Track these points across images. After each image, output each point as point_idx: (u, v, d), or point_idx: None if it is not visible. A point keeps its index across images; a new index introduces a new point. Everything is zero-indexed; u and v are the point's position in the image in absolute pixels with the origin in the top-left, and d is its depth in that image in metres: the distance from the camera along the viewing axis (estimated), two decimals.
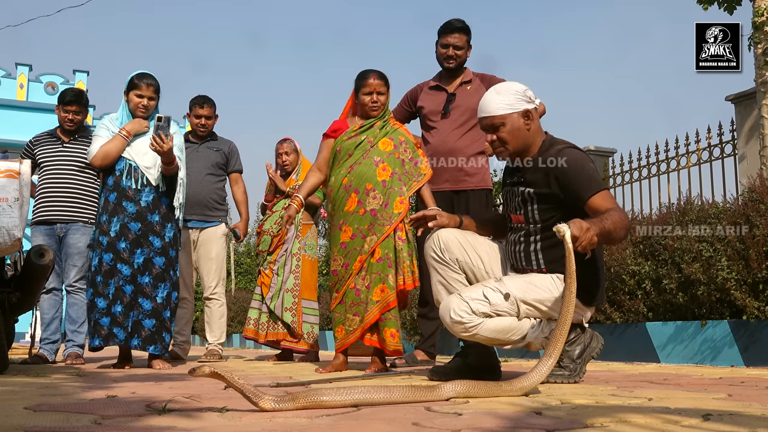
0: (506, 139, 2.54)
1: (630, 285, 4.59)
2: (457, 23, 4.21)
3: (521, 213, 2.58)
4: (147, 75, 4.04)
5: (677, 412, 1.57)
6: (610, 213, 2.29)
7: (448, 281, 2.57)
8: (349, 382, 2.70)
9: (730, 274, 3.85)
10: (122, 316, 3.86)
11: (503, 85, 2.64)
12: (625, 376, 2.95)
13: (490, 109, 2.54)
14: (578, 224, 2.11)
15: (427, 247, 2.66)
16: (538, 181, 2.53)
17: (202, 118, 5.13)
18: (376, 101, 3.60)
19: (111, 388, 2.44)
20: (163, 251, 3.97)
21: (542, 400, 1.88)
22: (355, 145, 3.59)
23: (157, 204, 3.99)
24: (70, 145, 4.82)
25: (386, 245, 3.46)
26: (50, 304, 4.73)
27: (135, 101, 4.01)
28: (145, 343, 3.90)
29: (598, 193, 2.39)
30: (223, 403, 1.83)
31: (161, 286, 3.94)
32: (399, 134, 3.67)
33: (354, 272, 3.46)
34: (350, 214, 3.50)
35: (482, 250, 2.64)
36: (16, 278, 3.70)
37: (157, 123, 3.76)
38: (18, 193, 3.15)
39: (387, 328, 3.42)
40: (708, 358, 4.01)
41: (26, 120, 21.69)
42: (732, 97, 6.98)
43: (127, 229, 3.91)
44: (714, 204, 4.52)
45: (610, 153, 8.36)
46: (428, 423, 1.44)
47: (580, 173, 2.44)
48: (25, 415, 1.62)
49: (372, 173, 3.52)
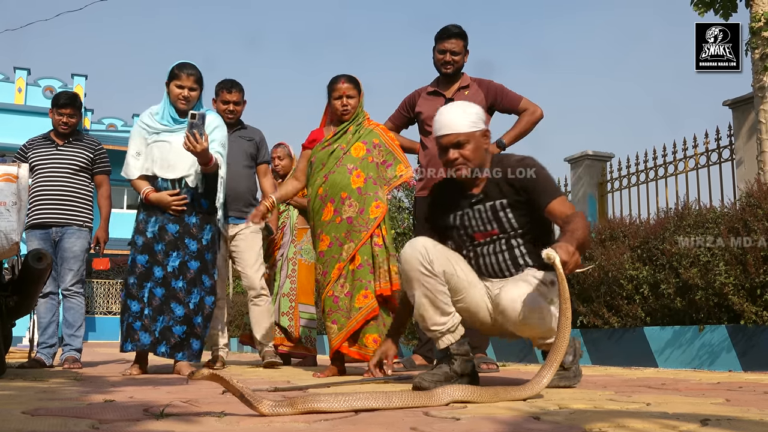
0: (469, 157, 2.59)
1: (628, 290, 4.59)
2: (453, 29, 4.23)
3: (494, 227, 2.63)
4: (188, 65, 3.84)
5: (675, 417, 1.57)
6: (575, 222, 2.38)
7: (434, 294, 2.54)
8: (346, 387, 2.70)
9: (728, 278, 3.85)
10: (149, 319, 3.65)
11: (465, 104, 2.73)
12: (623, 381, 2.96)
13: (456, 126, 2.58)
14: (564, 248, 2.19)
15: (411, 260, 2.57)
16: (503, 192, 2.61)
17: (230, 104, 4.75)
18: (346, 104, 3.69)
19: (109, 392, 2.43)
20: (198, 255, 3.76)
21: (540, 405, 1.88)
22: (329, 154, 3.68)
23: (196, 205, 3.79)
24: (64, 149, 4.80)
25: (365, 251, 3.55)
26: (47, 308, 4.72)
27: (175, 92, 3.79)
28: (173, 351, 3.67)
29: (557, 199, 2.53)
30: (221, 408, 1.83)
31: (194, 291, 3.72)
32: (374, 136, 3.74)
33: (332, 280, 3.56)
34: (327, 223, 3.61)
35: (463, 265, 2.66)
36: (14, 282, 3.69)
37: (191, 121, 3.53)
38: (16, 196, 3.14)
39: (369, 334, 3.51)
40: (706, 363, 4.01)
41: (24, 124, 21.72)
42: (729, 102, 7.00)
43: (165, 231, 3.73)
44: (712, 209, 4.53)
45: (607, 158, 8.38)
46: (426, 428, 1.44)
47: (541, 180, 2.57)
48: (23, 419, 1.62)
49: (346, 181, 3.61)
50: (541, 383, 2.08)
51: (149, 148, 3.79)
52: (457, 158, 2.59)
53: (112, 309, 25.12)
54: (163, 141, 3.77)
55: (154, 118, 3.83)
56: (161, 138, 3.78)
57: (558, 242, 2.26)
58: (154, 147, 3.78)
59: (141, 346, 3.65)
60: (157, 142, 3.78)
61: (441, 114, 2.64)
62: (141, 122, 3.86)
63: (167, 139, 3.77)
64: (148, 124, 3.82)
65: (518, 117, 4.17)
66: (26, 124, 21.32)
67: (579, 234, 2.32)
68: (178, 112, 3.81)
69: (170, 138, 3.76)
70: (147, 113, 3.87)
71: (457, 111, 2.63)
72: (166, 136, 3.77)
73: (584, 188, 8.33)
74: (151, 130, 3.81)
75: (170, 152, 3.74)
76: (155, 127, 3.80)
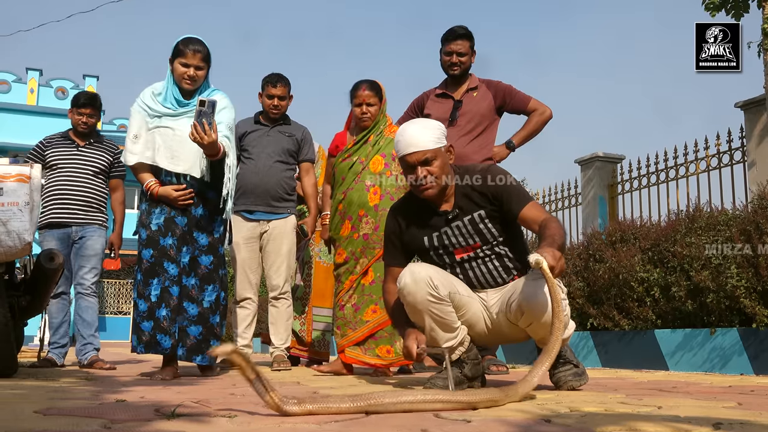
0: (437, 174, 2.57)
1: (638, 292, 4.57)
2: (459, 30, 4.23)
3: (476, 240, 2.62)
4: (194, 40, 3.47)
5: (687, 420, 1.56)
6: (551, 227, 2.40)
7: (443, 316, 2.54)
8: (359, 389, 2.70)
9: (740, 281, 3.83)
10: (167, 321, 3.36)
11: (426, 121, 2.73)
12: (634, 384, 2.94)
13: (422, 143, 2.56)
14: (551, 253, 2.20)
15: (419, 292, 2.50)
16: (476, 204, 2.61)
17: (275, 99, 4.54)
18: (365, 112, 3.75)
19: (120, 392, 2.44)
20: (210, 249, 3.49)
21: (551, 407, 1.88)
22: (348, 167, 3.76)
23: (202, 196, 3.48)
24: (85, 150, 4.81)
25: (378, 268, 3.59)
26: (58, 308, 4.74)
27: (180, 71, 3.42)
28: (190, 353, 3.41)
29: (528, 205, 2.54)
30: (232, 408, 1.83)
31: (208, 289, 3.47)
32: (393, 147, 3.70)
33: (344, 289, 3.69)
34: (344, 239, 3.72)
35: (456, 280, 2.66)
36: (26, 282, 3.72)
37: (199, 108, 3.15)
38: (28, 197, 3.16)
39: (382, 345, 3.63)
40: (717, 366, 3.98)
41: (37, 124, 21.84)
42: (741, 104, 6.96)
43: (174, 224, 3.43)
44: (723, 211, 4.50)
45: (618, 159, 8.34)
46: (437, 429, 1.44)
47: (510, 188, 2.59)
48: (35, 418, 1.63)
49: (364, 199, 3.69)
50: (531, 382, 2.06)
51: (150, 134, 3.46)
52: (426, 176, 2.56)
53: (123, 309, 25.29)
54: (166, 127, 3.43)
55: (156, 99, 3.48)
56: (163, 123, 3.44)
57: (541, 247, 2.28)
58: (155, 133, 3.44)
59: (162, 351, 3.38)
60: (159, 128, 3.44)
61: (404, 133, 2.60)
62: (141, 101, 3.50)
63: (170, 125, 3.44)
64: (150, 106, 3.47)
65: (527, 118, 4.16)
66: (39, 125, 21.42)
67: (558, 239, 2.34)
68: (182, 93, 3.48)
69: (173, 124, 3.44)
70: (149, 92, 3.51)
71: (420, 128, 2.61)
72: (169, 122, 3.44)
73: (594, 190, 8.30)
74: (152, 113, 3.46)
75: (173, 141, 3.42)
76: (157, 109, 3.46)
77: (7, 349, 3.31)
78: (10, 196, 3.12)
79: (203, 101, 3.15)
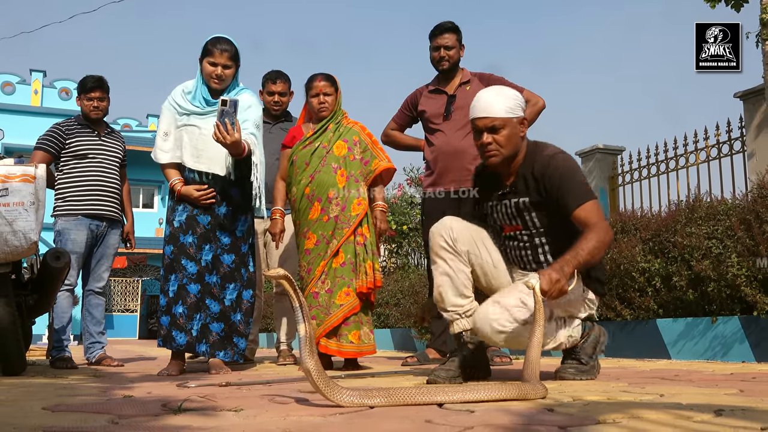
0: (502, 143, 2.52)
1: (640, 282, 4.59)
2: (445, 24, 4.26)
3: (518, 222, 2.60)
4: (222, 39, 3.49)
5: (689, 407, 1.58)
6: (587, 238, 2.34)
7: (455, 273, 2.54)
8: (358, 381, 2.72)
9: (741, 270, 3.84)
10: (184, 318, 3.38)
11: (503, 88, 2.64)
12: (636, 373, 2.96)
13: (493, 110, 2.51)
14: (547, 277, 2.19)
15: (435, 235, 2.59)
16: (529, 189, 2.55)
17: (275, 95, 4.66)
18: (323, 102, 3.77)
19: (127, 388, 2.47)
20: (232, 247, 3.51)
21: (554, 396, 1.90)
22: (311, 153, 3.74)
23: (226, 194, 3.51)
24: (106, 139, 4.70)
25: (348, 249, 3.62)
26: (66, 304, 4.73)
27: (208, 70, 3.46)
28: (213, 349, 3.42)
29: (584, 205, 2.42)
30: (238, 403, 1.85)
31: (229, 287, 3.48)
32: (353, 134, 3.80)
33: (315, 277, 3.62)
34: (314, 222, 3.67)
35: (489, 245, 2.66)
36: (33, 281, 3.75)
37: (221, 108, 3.17)
38: (33, 196, 3.19)
39: (352, 331, 3.58)
40: (719, 354, 4.00)
41: (41, 125, 21.55)
42: (740, 94, 6.95)
43: (196, 222, 3.46)
44: (723, 201, 4.51)
45: (618, 151, 8.34)
46: (441, 420, 1.46)
47: (570, 182, 2.46)
48: (44, 415, 1.65)
49: (333, 180, 3.68)
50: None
51: (178, 132, 3.52)
52: (490, 143, 2.52)
53: (130, 307, 25.40)
54: (193, 125, 3.49)
55: (186, 98, 3.53)
56: (191, 122, 3.50)
57: (552, 264, 2.28)
58: (183, 132, 3.50)
59: (176, 347, 3.40)
60: (186, 126, 3.50)
61: (480, 97, 2.58)
62: (172, 99, 3.55)
63: (197, 123, 3.48)
64: (180, 104, 3.53)
65: None
66: (43, 126, 21.08)
67: (584, 254, 2.29)
68: (211, 92, 3.52)
69: (200, 122, 3.48)
70: (179, 91, 3.57)
71: (492, 95, 2.56)
72: (196, 120, 3.49)
73: (595, 182, 8.30)
74: (181, 111, 3.52)
75: (199, 139, 3.46)
76: (186, 108, 3.51)
77: (15, 347, 3.34)
78: (16, 196, 3.15)
79: (225, 101, 3.17)
